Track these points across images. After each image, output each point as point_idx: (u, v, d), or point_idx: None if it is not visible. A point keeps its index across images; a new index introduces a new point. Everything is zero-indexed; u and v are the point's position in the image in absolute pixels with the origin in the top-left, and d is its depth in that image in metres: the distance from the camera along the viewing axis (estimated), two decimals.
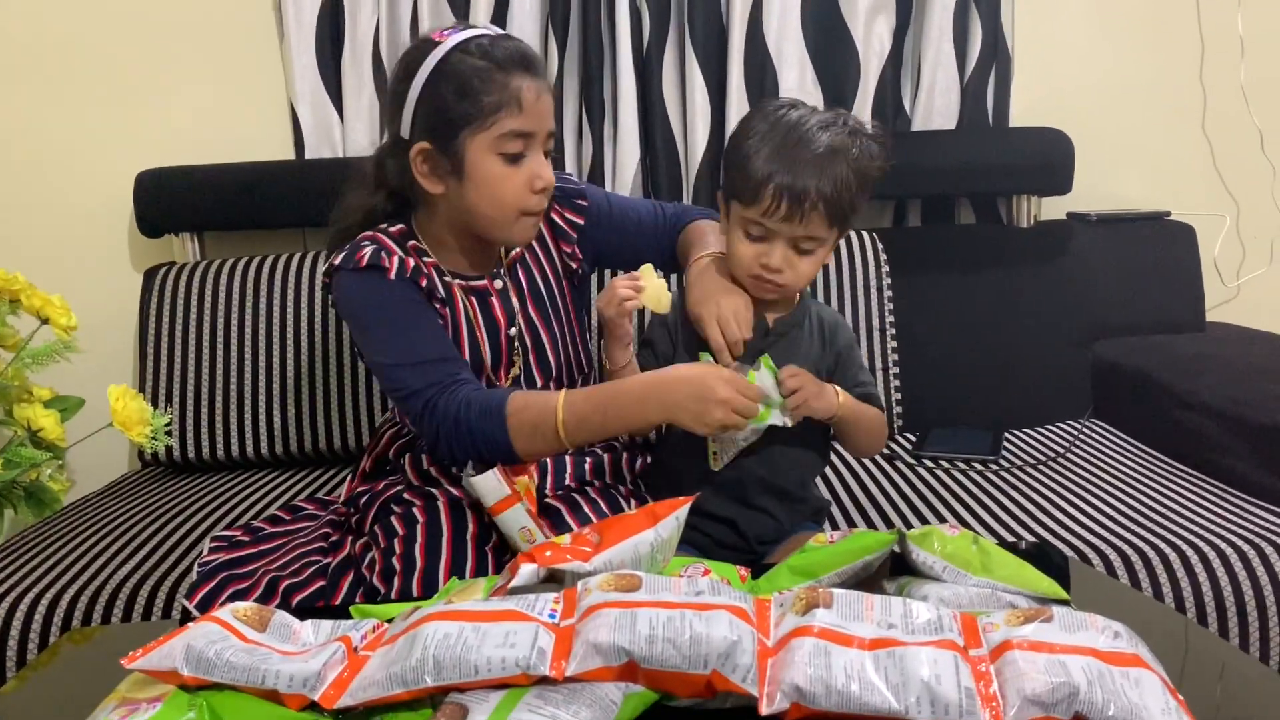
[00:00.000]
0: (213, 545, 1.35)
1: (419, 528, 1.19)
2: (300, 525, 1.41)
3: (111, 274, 2.07)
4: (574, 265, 1.40)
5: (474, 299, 1.31)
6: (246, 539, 1.38)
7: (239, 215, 1.99)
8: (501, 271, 1.35)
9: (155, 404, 1.84)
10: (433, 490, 1.25)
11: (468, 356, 1.27)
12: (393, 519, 1.22)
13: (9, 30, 2.00)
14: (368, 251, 1.22)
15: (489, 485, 1.10)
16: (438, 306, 1.26)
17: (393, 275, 1.22)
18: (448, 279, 1.29)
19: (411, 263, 1.24)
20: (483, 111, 1.17)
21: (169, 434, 1.76)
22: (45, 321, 1.71)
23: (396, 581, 1.14)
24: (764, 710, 0.69)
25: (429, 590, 1.11)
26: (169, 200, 1.97)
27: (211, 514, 1.61)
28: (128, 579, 1.36)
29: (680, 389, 1.11)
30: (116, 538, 1.52)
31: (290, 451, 1.86)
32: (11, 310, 1.71)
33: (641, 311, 1.71)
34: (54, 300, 1.70)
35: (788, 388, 1.15)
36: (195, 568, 1.31)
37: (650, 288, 1.19)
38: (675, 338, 1.28)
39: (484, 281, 1.32)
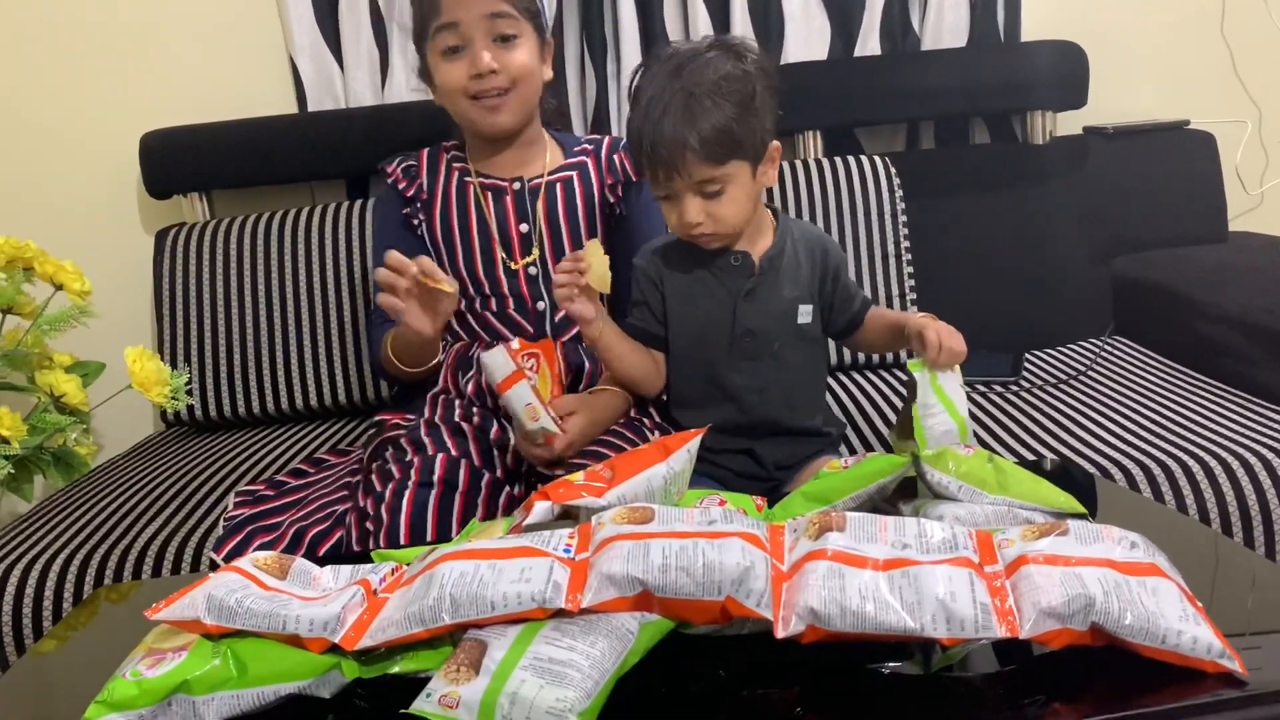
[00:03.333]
0: (238, 500, 1.37)
1: (390, 486, 1.18)
2: (322, 476, 1.43)
3: (123, 237, 2.07)
4: (612, 200, 1.45)
5: (489, 195, 1.45)
6: (271, 493, 1.39)
7: (246, 172, 1.99)
8: (525, 179, 1.45)
9: (174, 364, 1.86)
10: (426, 440, 1.25)
11: (476, 240, 1.44)
12: (374, 474, 1.23)
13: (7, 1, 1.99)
14: (394, 159, 1.49)
15: (497, 361, 1.13)
16: (415, 209, 1.46)
17: (389, 180, 1.48)
18: (469, 179, 1.46)
19: (412, 165, 1.47)
20: (424, 23, 1.35)
21: (189, 393, 1.78)
22: (59, 288, 1.73)
23: (370, 544, 1.14)
24: (780, 634, 0.69)
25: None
26: (176, 161, 1.97)
27: (235, 470, 1.62)
28: (155, 536, 1.37)
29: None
30: (143, 497, 1.54)
31: (310, 405, 1.87)
32: (26, 278, 1.73)
33: None
34: (66, 266, 1.72)
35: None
36: (221, 522, 1.33)
37: (595, 265, 1.15)
38: (662, 289, 1.26)
39: (504, 182, 1.45)
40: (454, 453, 1.23)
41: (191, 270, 1.90)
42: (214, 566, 1.22)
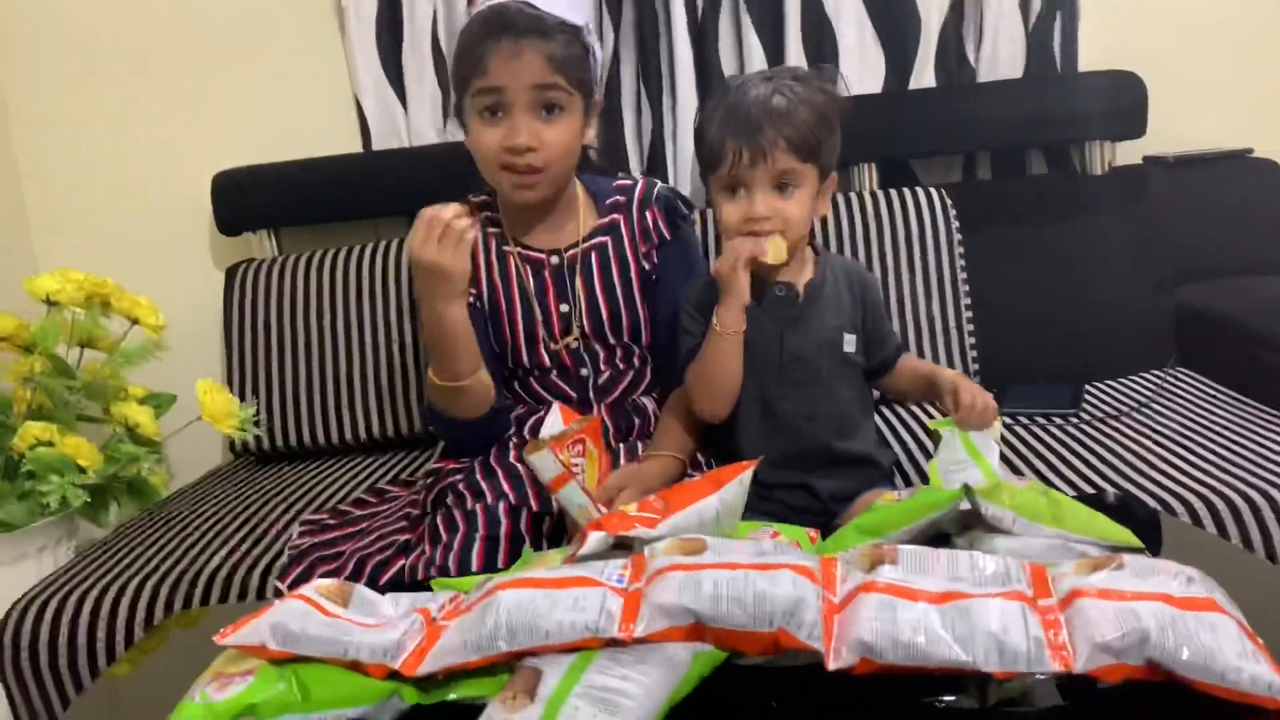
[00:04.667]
0: (302, 529, 1.41)
1: (457, 538, 1.20)
2: (384, 506, 1.46)
3: (195, 273, 2.14)
4: (647, 267, 1.41)
5: (529, 269, 1.39)
6: (334, 522, 1.43)
7: (313, 210, 2.05)
8: (564, 250, 1.39)
9: (243, 396, 1.91)
10: (484, 486, 1.26)
11: (520, 318, 1.38)
12: (439, 521, 1.24)
13: (82, 43, 2.08)
14: None
15: (544, 462, 1.11)
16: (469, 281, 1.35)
17: None
18: (508, 247, 1.39)
19: None
20: (464, 76, 1.28)
21: (257, 424, 1.83)
22: (135, 322, 1.80)
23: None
24: (831, 665, 0.70)
25: None
26: (245, 199, 2.03)
27: (301, 499, 1.66)
28: (224, 564, 1.41)
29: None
30: (212, 525, 1.58)
31: (374, 436, 1.91)
32: (103, 313, 1.80)
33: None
34: (142, 301, 1.79)
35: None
36: (286, 551, 1.36)
37: (774, 247, 1.17)
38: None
39: (542, 255, 1.39)
40: (513, 499, 1.24)
41: (260, 305, 1.95)
42: (279, 594, 1.25)
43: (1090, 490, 1.36)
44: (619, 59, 2.00)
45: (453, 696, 0.75)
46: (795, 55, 1.98)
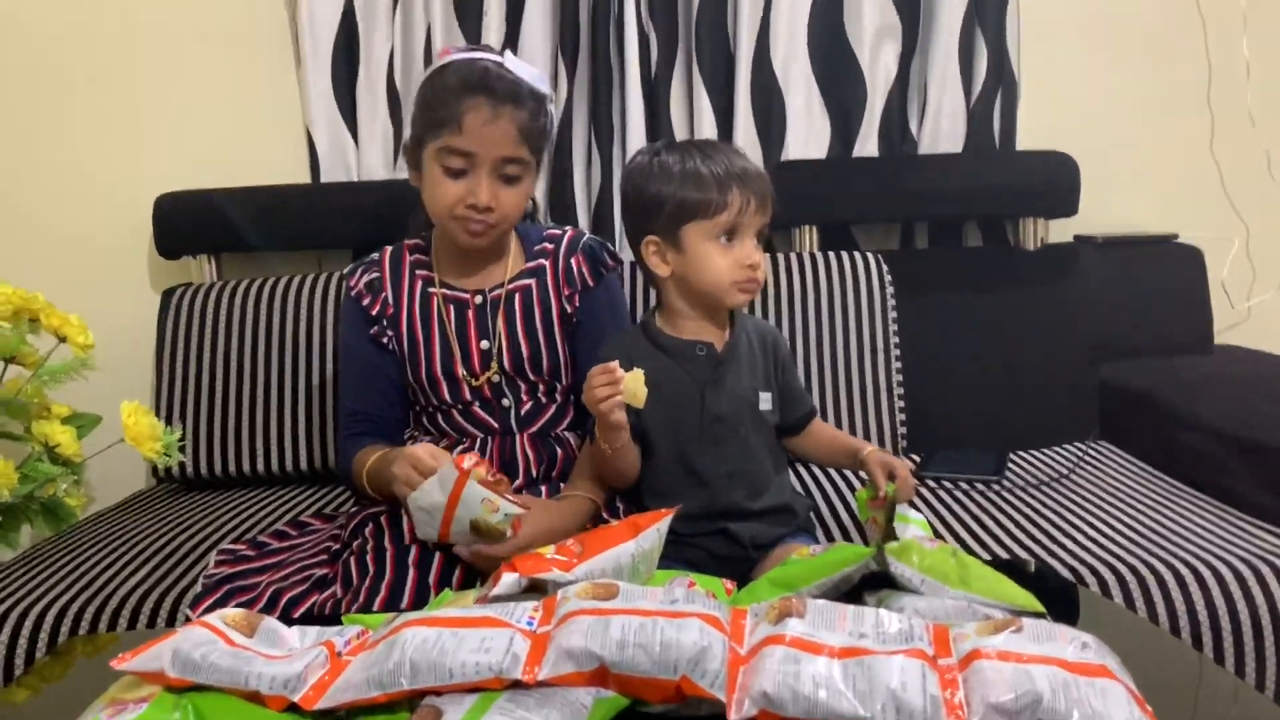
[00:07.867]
0: (218, 559, 1.38)
1: (365, 581, 1.18)
2: (304, 540, 1.44)
3: (130, 294, 2.12)
4: (569, 310, 1.45)
5: (452, 308, 1.44)
6: (252, 553, 1.41)
7: (255, 238, 2.03)
8: (488, 291, 1.43)
9: (170, 421, 1.88)
10: (405, 524, 1.25)
11: (438, 357, 1.43)
12: (353, 562, 1.23)
13: (32, 55, 2.06)
14: (358, 269, 1.47)
15: (441, 473, 1.13)
16: (383, 326, 1.44)
17: (352, 293, 1.45)
18: (433, 289, 1.44)
19: (375, 278, 1.45)
20: (433, 125, 1.32)
21: (182, 450, 1.80)
22: (63, 340, 1.76)
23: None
24: (732, 716, 0.70)
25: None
26: (187, 223, 2.02)
27: (221, 529, 1.63)
28: (134, 590, 1.38)
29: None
30: (127, 550, 1.55)
31: (300, 468, 1.88)
32: (31, 329, 1.76)
33: None
34: (72, 319, 1.75)
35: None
36: (201, 580, 1.34)
37: (629, 382, 1.16)
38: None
39: (466, 295, 1.44)
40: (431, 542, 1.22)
41: (194, 330, 1.93)
42: (189, 623, 1.22)
43: (1006, 556, 1.38)
44: (571, 109, 2.03)
45: None
46: (744, 119, 2.03)
